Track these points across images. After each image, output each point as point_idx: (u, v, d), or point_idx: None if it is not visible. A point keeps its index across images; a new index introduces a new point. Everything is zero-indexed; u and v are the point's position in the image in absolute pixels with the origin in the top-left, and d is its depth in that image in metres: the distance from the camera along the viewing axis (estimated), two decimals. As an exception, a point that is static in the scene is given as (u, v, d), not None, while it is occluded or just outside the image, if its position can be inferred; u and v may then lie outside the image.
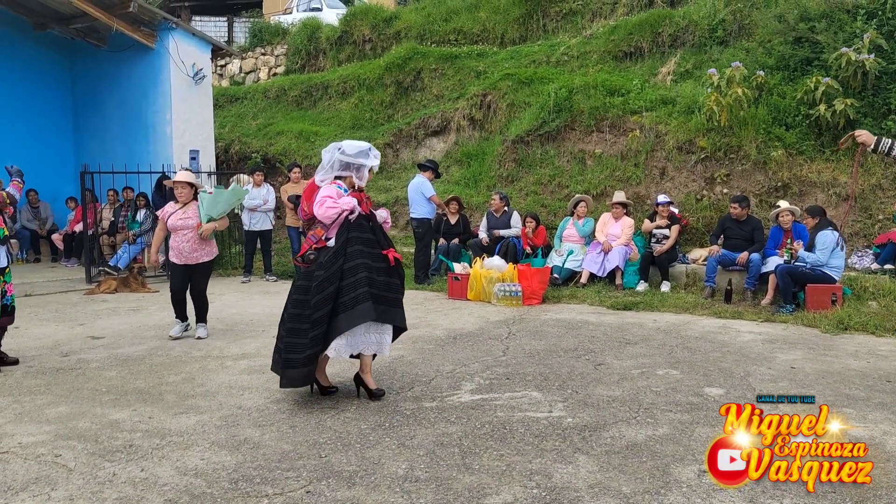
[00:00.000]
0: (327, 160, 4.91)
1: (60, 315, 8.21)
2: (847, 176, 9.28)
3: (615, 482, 3.57)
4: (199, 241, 6.72)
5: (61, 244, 12.81)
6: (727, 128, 9.97)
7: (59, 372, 5.74)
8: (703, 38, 12.10)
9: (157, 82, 12.16)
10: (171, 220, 6.76)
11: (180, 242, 6.73)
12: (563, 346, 6.47)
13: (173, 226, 6.74)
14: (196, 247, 6.73)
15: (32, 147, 13.19)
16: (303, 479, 3.64)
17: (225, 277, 11.24)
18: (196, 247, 6.73)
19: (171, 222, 6.75)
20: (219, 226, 6.89)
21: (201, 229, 6.69)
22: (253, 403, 4.87)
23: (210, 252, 6.87)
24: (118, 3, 11.45)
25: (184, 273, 6.81)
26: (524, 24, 15.44)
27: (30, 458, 3.94)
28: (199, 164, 12.16)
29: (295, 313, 4.77)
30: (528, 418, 4.51)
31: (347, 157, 4.84)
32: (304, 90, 16.35)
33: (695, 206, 10.02)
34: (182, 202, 6.82)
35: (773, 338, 6.74)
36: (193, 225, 6.71)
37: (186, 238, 6.71)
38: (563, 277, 9.41)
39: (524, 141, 11.93)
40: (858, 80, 9.26)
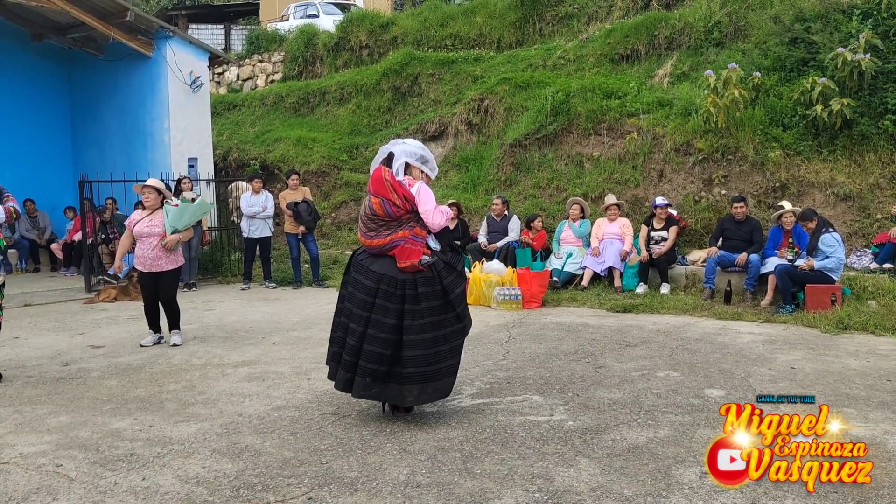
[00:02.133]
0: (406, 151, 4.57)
1: (60, 324, 8.20)
2: (845, 175, 9.29)
3: (617, 485, 3.57)
4: (162, 250, 6.73)
5: (60, 253, 12.81)
6: (724, 129, 9.98)
7: (60, 381, 5.73)
8: (700, 40, 12.13)
9: (154, 91, 12.17)
10: (138, 227, 6.79)
11: (145, 250, 6.74)
12: (563, 349, 6.47)
13: (139, 233, 6.77)
14: (160, 255, 6.74)
15: (31, 156, 13.21)
16: (304, 485, 3.64)
17: (224, 285, 11.24)
18: (160, 255, 6.74)
19: (137, 229, 6.78)
20: (182, 237, 6.85)
21: (165, 240, 6.71)
22: (254, 411, 4.86)
23: (174, 261, 6.84)
24: (115, 12, 11.48)
25: (149, 282, 6.82)
26: (520, 29, 15.49)
27: (31, 469, 3.94)
28: (198, 172, 12.16)
29: (436, 320, 4.39)
30: (530, 422, 4.51)
31: (419, 150, 4.60)
32: (302, 97, 16.38)
33: (693, 208, 10.03)
34: (149, 208, 6.83)
35: (773, 338, 6.74)
36: (159, 233, 6.73)
37: (151, 246, 6.72)
38: (562, 280, 9.42)
39: (522, 145, 11.94)
40: (855, 80, 9.28)
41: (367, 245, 4.51)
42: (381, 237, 4.42)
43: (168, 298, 6.87)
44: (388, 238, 4.40)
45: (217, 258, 12.00)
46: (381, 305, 4.35)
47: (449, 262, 4.54)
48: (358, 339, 4.37)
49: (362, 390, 4.41)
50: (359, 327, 4.37)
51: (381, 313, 4.34)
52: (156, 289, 6.84)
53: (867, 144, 9.35)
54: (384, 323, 4.33)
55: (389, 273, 4.39)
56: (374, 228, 4.45)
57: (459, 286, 4.56)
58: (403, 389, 4.37)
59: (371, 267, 4.45)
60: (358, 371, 4.37)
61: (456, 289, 4.50)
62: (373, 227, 4.46)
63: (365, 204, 4.54)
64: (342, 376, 4.45)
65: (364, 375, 4.35)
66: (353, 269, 4.55)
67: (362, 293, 4.42)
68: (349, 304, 4.48)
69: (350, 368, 4.41)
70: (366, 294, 4.40)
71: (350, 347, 4.40)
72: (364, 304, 4.39)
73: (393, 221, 4.41)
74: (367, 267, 4.47)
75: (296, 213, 10.46)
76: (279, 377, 5.69)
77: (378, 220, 4.44)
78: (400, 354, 4.33)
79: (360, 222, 4.58)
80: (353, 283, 4.51)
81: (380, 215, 4.42)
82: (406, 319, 4.34)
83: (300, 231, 10.54)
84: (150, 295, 6.87)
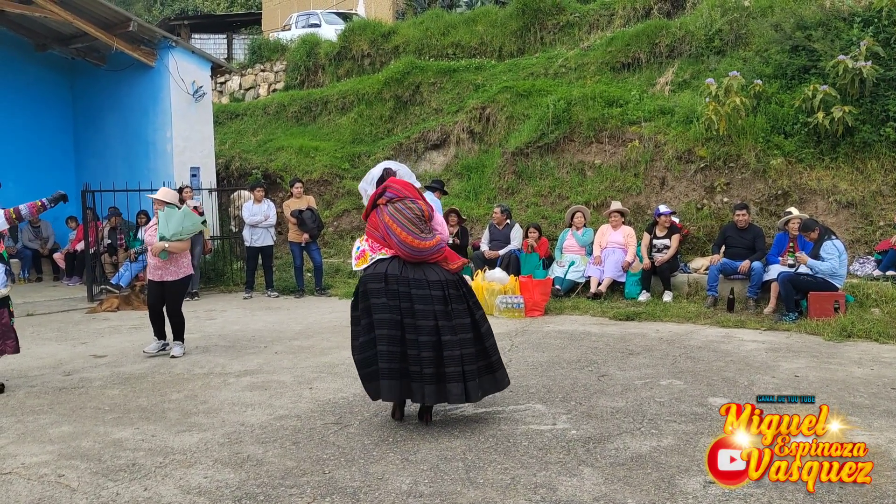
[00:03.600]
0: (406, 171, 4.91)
1: (62, 334, 8.20)
2: (847, 183, 9.29)
3: (620, 494, 3.55)
4: (161, 260, 6.72)
5: (63, 263, 12.82)
6: (726, 137, 9.99)
7: (62, 391, 5.73)
8: (701, 48, 12.15)
9: (157, 100, 12.20)
10: (147, 235, 6.97)
11: (151, 258, 6.85)
12: (565, 357, 6.45)
13: (148, 241, 6.93)
14: (161, 265, 6.76)
15: (34, 166, 13.22)
16: (307, 495, 3.62)
17: (227, 294, 11.24)
18: (161, 265, 6.76)
19: (147, 237, 6.97)
20: (170, 248, 6.69)
21: (152, 246, 6.72)
22: (256, 420, 4.85)
23: (175, 272, 6.81)
24: (118, 22, 11.53)
25: (156, 290, 6.87)
26: (522, 37, 15.52)
27: (33, 479, 3.93)
28: (200, 181, 12.18)
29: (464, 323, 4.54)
30: (532, 431, 4.49)
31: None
32: (304, 106, 16.42)
33: (695, 216, 10.02)
34: None
35: (776, 346, 6.72)
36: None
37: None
38: (564, 289, 9.41)
39: (523, 153, 11.96)
40: (856, 87, 9.29)
41: (420, 247, 4.48)
42: (431, 239, 4.55)
43: (171, 309, 6.88)
44: (435, 240, 4.56)
45: (219, 267, 12.00)
46: (457, 309, 4.50)
47: None
48: (435, 350, 4.38)
49: (478, 390, 4.50)
50: (433, 337, 4.40)
51: (460, 316, 4.50)
52: (160, 296, 6.87)
53: (869, 152, 9.34)
54: (465, 323, 4.50)
55: (447, 277, 4.56)
56: (425, 230, 4.55)
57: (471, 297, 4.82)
58: (497, 375, 4.63)
59: (429, 278, 4.49)
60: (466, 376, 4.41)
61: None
62: (423, 229, 4.54)
63: (408, 207, 4.53)
64: (428, 390, 4.39)
65: (472, 378, 4.44)
66: (398, 284, 4.46)
67: (430, 304, 4.44)
68: (409, 319, 4.42)
69: (434, 379, 4.38)
70: (436, 303, 4.44)
71: (429, 359, 4.37)
72: (435, 314, 4.42)
73: (429, 224, 4.62)
74: (425, 279, 4.48)
75: (300, 221, 10.47)
76: (281, 386, 5.68)
77: (426, 223, 4.58)
78: (485, 346, 4.58)
79: (400, 228, 4.48)
80: (405, 298, 4.44)
81: (426, 218, 4.59)
82: (476, 314, 4.60)
83: (304, 239, 10.55)
84: (154, 301, 6.90)
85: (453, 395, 4.40)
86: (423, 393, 4.39)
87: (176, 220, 6.80)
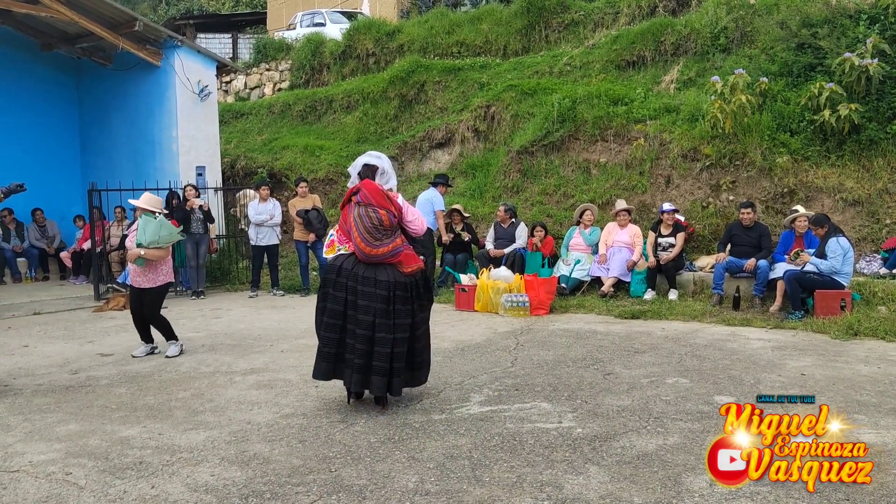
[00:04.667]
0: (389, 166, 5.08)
1: (69, 333, 8.23)
2: (853, 181, 9.26)
3: (626, 493, 3.55)
4: (139, 267, 6.69)
5: (69, 262, 12.87)
6: (732, 135, 9.97)
7: (69, 390, 5.75)
8: (706, 45, 12.12)
9: (162, 100, 12.23)
10: (128, 240, 6.90)
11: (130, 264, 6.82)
12: (571, 355, 6.45)
13: (128, 246, 6.87)
14: (139, 271, 6.72)
15: (40, 165, 13.26)
16: (313, 493, 3.63)
17: (232, 293, 11.27)
18: (139, 271, 6.72)
19: (128, 242, 6.89)
20: (146, 254, 6.63)
21: (128, 252, 6.72)
22: (262, 418, 4.87)
23: (153, 280, 6.74)
24: (124, 22, 11.57)
25: (136, 295, 6.85)
26: (526, 36, 15.50)
27: (41, 477, 3.95)
28: (206, 180, 12.21)
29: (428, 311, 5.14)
30: (538, 429, 4.49)
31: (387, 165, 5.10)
32: (309, 105, 16.43)
33: (701, 214, 10.00)
34: None
35: (782, 344, 6.71)
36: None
37: None
38: (570, 287, 9.40)
39: (529, 151, 11.95)
40: (862, 85, 9.25)
41: (370, 254, 4.83)
42: (385, 245, 4.86)
43: (150, 314, 6.83)
44: (390, 246, 4.87)
45: (225, 266, 12.03)
46: (399, 310, 4.83)
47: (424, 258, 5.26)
48: (367, 343, 4.77)
49: (402, 386, 4.95)
50: (368, 332, 4.77)
51: (402, 317, 4.83)
52: (139, 301, 6.84)
53: (875, 149, 9.31)
54: (404, 324, 4.84)
55: (399, 279, 4.86)
56: (380, 238, 4.85)
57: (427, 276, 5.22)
58: (416, 374, 5.03)
59: (378, 277, 4.83)
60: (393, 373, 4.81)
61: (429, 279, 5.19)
62: (378, 237, 4.85)
63: (368, 216, 4.83)
64: (355, 378, 4.81)
65: (398, 375, 4.84)
66: (347, 279, 4.87)
67: (373, 301, 4.79)
68: (352, 312, 4.83)
69: (362, 370, 4.79)
70: (379, 302, 4.79)
71: (360, 351, 4.77)
72: (375, 311, 4.77)
73: (391, 230, 4.89)
74: (374, 277, 4.83)
75: (306, 220, 10.48)
76: (287, 385, 5.69)
77: (384, 231, 4.86)
78: (414, 347, 4.93)
79: (357, 233, 4.84)
80: (351, 292, 4.85)
81: (386, 227, 4.85)
82: (417, 317, 4.93)
83: (310, 239, 10.57)
84: (135, 307, 6.87)
85: (375, 387, 4.82)
86: (351, 379, 4.84)
87: (152, 228, 6.68)
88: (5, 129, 12.93)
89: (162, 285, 6.86)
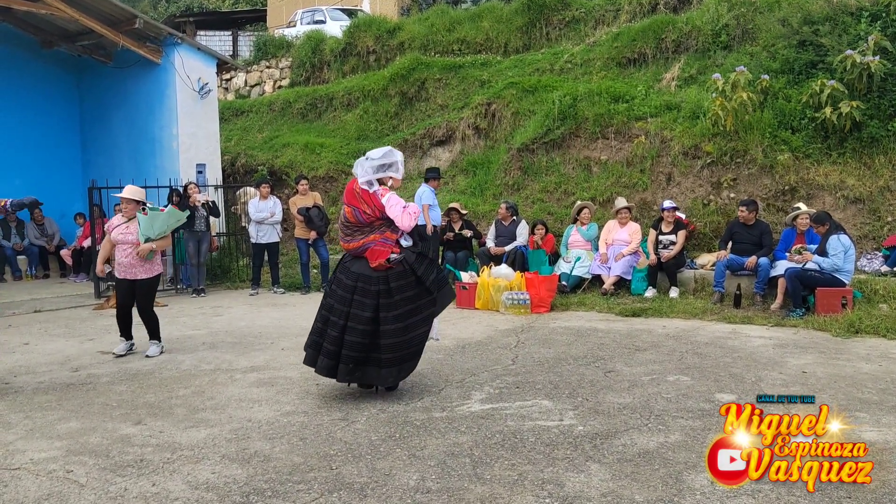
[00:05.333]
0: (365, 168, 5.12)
1: (70, 330, 8.23)
2: (854, 178, 9.25)
3: (628, 490, 3.55)
4: (137, 258, 6.70)
5: (70, 260, 12.86)
6: (733, 132, 9.95)
7: (70, 387, 5.75)
8: (707, 43, 12.10)
9: (163, 97, 12.22)
10: (115, 233, 6.77)
11: (121, 256, 6.74)
12: (572, 353, 6.45)
13: (116, 239, 6.76)
14: (135, 262, 6.69)
15: (41, 163, 13.28)
16: (314, 491, 3.63)
17: (233, 290, 11.26)
18: (135, 262, 6.69)
19: (114, 235, 6.77)
20: (157, 246, 6.73)
21: (139, 248, 6.70)
22: (263, 416, 4.87)
23: (149, 270, 6.77)
24: (124, 20, 11.55)
25: (126, 288, 6.79)
26: (527, 33, 15.49)
27: (41, 475, 3.95)
28: (206, 178, 12.20)
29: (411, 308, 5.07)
30: (539, 427, 4.49)
31: (378, 161, 5.09)
32: (309, 102, 16.42)
33: (702, 211, 9.99)
34: (126, 217, 6.80)
35: (783, 342, 6.70)
36: (133, 241, 6.68)
37: (126, 253, 6.70)
38: (571, 285, 9.39)
39: (529, 149, 11.94)
40: (864, 82, 9.24)
41: (345, 248, 5.21)
42: (355, 241, 5.09)
43: (143, 307, 6.79)
44: (361, 241, 5.07)
45: (225, 264, 12.02)
46: (358, 301, 4.99)
47: (421, 252, 5.21)
48: (339, 331, 4.99)
49: (346, 375, 5.05)
50: (340, 320, 5.00)
51: (359, 308, 4.98)
52: (130, 294, 6.79)
53: (877, 147, 9.30)
54: (362, 316, 4.97)
55: (365, 272, 5.03)
56: (350, 234, 5.12)
57: (433, 272, 5.17)
58: (382, 372, 5.03)
59: (351, 268, 5.11)
60: (341, 359, 4.99)
61: (430, 276, 5.11)
62: (348, 233, 5.13)
63: (343, 213, 5.16)
64: (325, 363, 5.05)
65: (347, 362, 4.99)
66: (338, 270, 5.22)
67: (343, 290, 5.06)
68: (331, 300, 5.12)
69: (332, 356, 5.01)
70: (345, 291, 5.04)
71: (332, 338, 5.01)
72: (344, 301, 5.02)
73: (365, 227, 5.05)
74: (348, 268, 5.13)
75: (307, 218, 10.47)
76: (288, 383, 5.69)
77: (352, 227, 5.10)
78: (378, 343, 4.98)
79: (339, 229, 5.20)
80: (336, 282, 5.17)
81: (352, 222, 5.08)
82: (381, 312, 4.97)
83: (311, 236, 10.56)
84: (124, 300, 6.81)
85: (320, 367, 5.07)
86: (321, 364, 5.06)
87: (160, 221, 6.75)
88: (5, 127, 12.94)
89: (156, 275, 6.89)
